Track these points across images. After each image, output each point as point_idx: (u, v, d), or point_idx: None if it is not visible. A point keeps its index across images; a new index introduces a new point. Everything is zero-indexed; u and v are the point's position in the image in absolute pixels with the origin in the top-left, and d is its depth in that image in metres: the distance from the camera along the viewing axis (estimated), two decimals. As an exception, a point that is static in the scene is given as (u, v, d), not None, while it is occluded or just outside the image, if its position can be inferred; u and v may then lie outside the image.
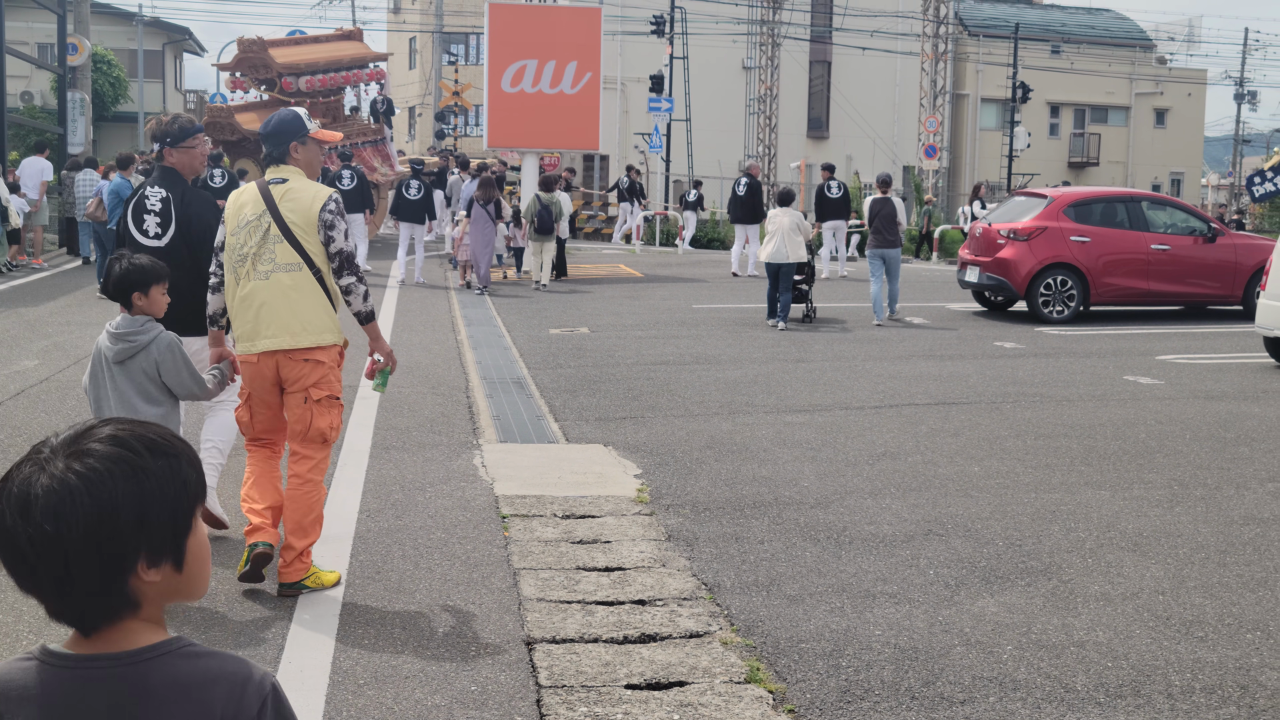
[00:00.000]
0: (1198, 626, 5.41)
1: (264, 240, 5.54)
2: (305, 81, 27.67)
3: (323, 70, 27.97)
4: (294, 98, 27.82)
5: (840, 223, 23.87)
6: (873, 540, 6.61)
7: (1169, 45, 62.85)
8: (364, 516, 6.77)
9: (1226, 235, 17.84)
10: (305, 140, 5.70)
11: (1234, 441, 9.31)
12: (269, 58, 27.53)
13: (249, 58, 27.90)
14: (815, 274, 17.46)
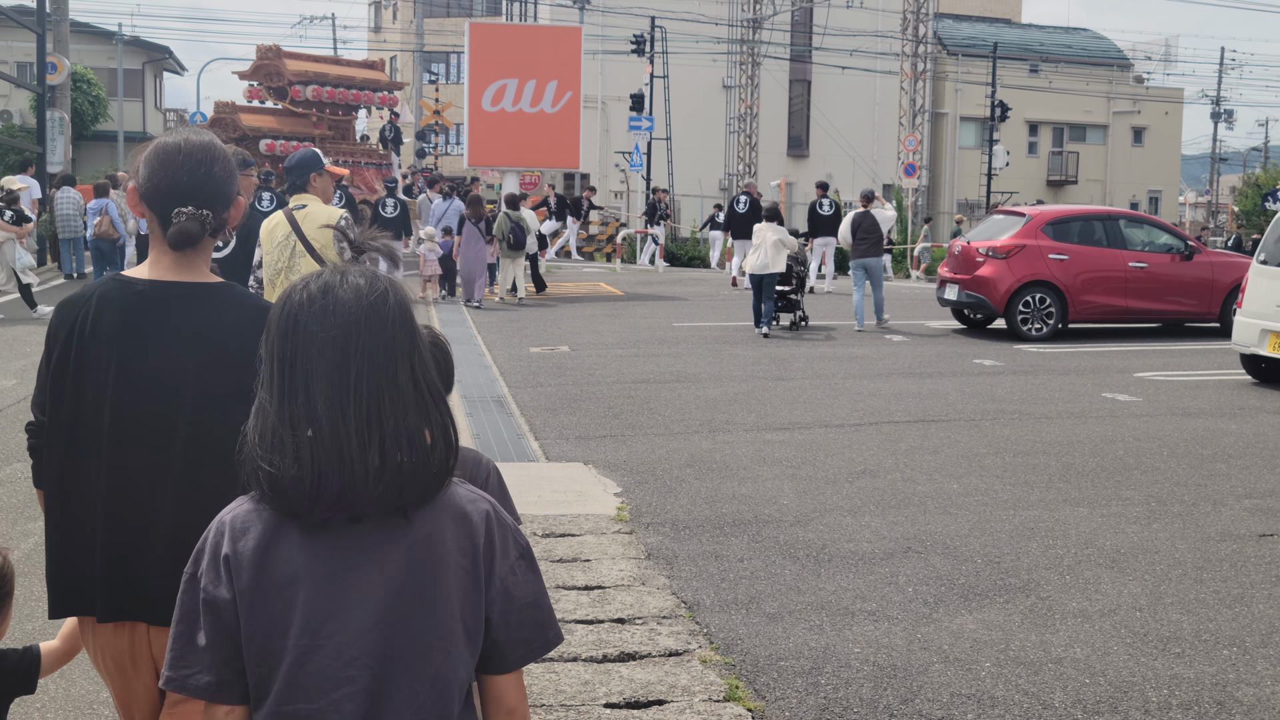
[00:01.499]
0: (1175, 643, 5.43)
1: (292, 256, 6.43)
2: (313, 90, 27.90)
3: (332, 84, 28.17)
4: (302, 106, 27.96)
5: (831, 239, 24.14)
6: (852, 558, 6.62)
7: (1146, 65, 63.35)
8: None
9: (1203, 253, 17.95)
10: (321, 172, 6.69)
11: (1211, 458, 9.36)
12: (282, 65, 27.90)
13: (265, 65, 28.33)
14: (804, 283, 18.20)
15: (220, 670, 1.92)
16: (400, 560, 1.92)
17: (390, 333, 1.93)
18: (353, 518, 1.91)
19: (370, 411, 1.89)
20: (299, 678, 1.89)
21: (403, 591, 1.92)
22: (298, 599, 1.90)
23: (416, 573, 1.93)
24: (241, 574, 1.91)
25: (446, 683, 1.94)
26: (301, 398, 1.89)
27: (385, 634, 1.91)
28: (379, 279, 1.98)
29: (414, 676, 1.92)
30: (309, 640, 1.90)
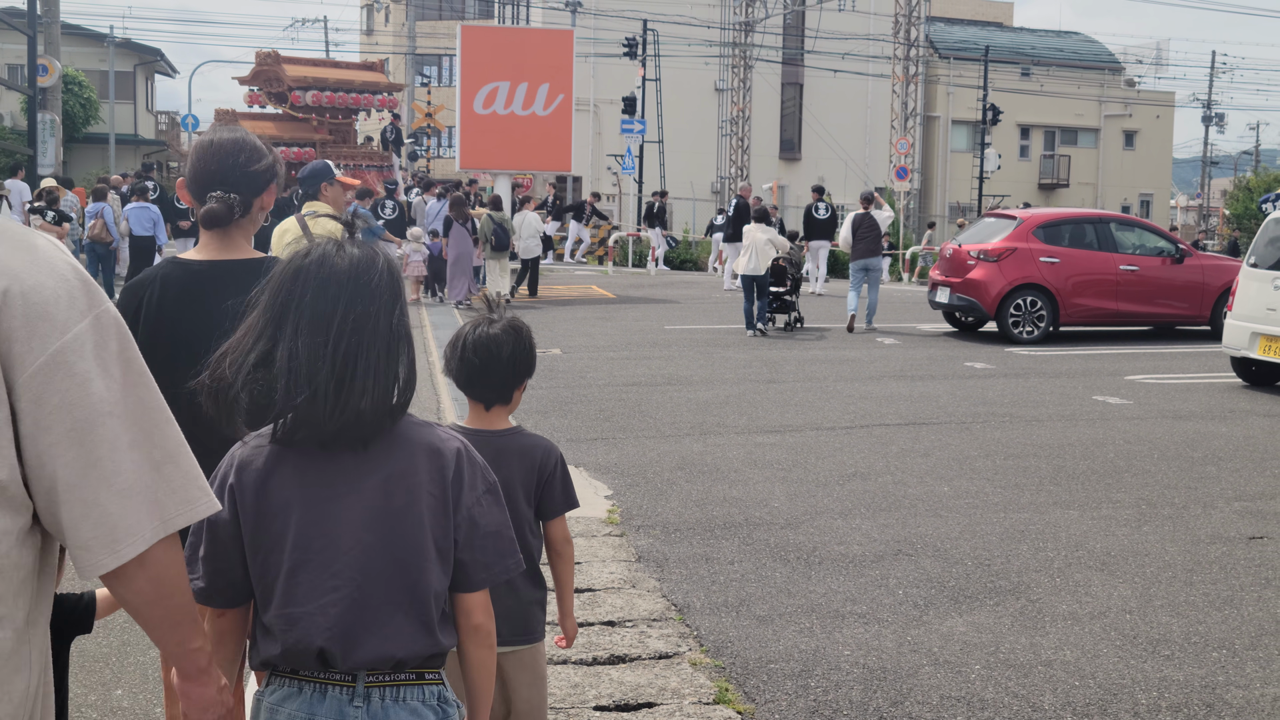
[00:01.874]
0: (1164, 645, 5.44)
1: None
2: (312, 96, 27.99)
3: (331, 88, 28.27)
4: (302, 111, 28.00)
5: (825, 242, 24.44)
6: (842, 560, 6.62)
7: (1137, 68, 63.39)
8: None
9: (1194, 256, 17.99)
10: (332, 182, 7.00)
11: (1201, 461, 9.37)
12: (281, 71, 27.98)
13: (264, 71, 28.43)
14: (800, 285, 18.65)
15: (210, 579, 2.30)
16: (377, 489, 2.27)
17: (377, 291, 2.26)
18: (322, 445, 2.25)
19: (347, 355, 2.21)
20: (293, 586, 2.25)
21: (380, 515, 2.27)
22: (291, 521, 2.26)
23: (392, 499, 2.27)
24: (245, 500, 2.28)
25: (422, 592, 2.27)
26: (288, 337, 2.21)
27: (365, 551, 2.26)
28: (372, 248, 2.31)
29: (393, 587, 2.26)
30: (300, 555, 2.26)
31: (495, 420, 3.33)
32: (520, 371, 3.29)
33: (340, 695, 2.26)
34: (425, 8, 56.66)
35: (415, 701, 2.29)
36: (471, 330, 3.19)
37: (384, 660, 2.26)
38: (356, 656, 2.25)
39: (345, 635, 2.24)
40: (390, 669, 2.28)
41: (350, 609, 2.25)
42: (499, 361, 3.21)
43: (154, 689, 4.75)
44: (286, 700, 2.28)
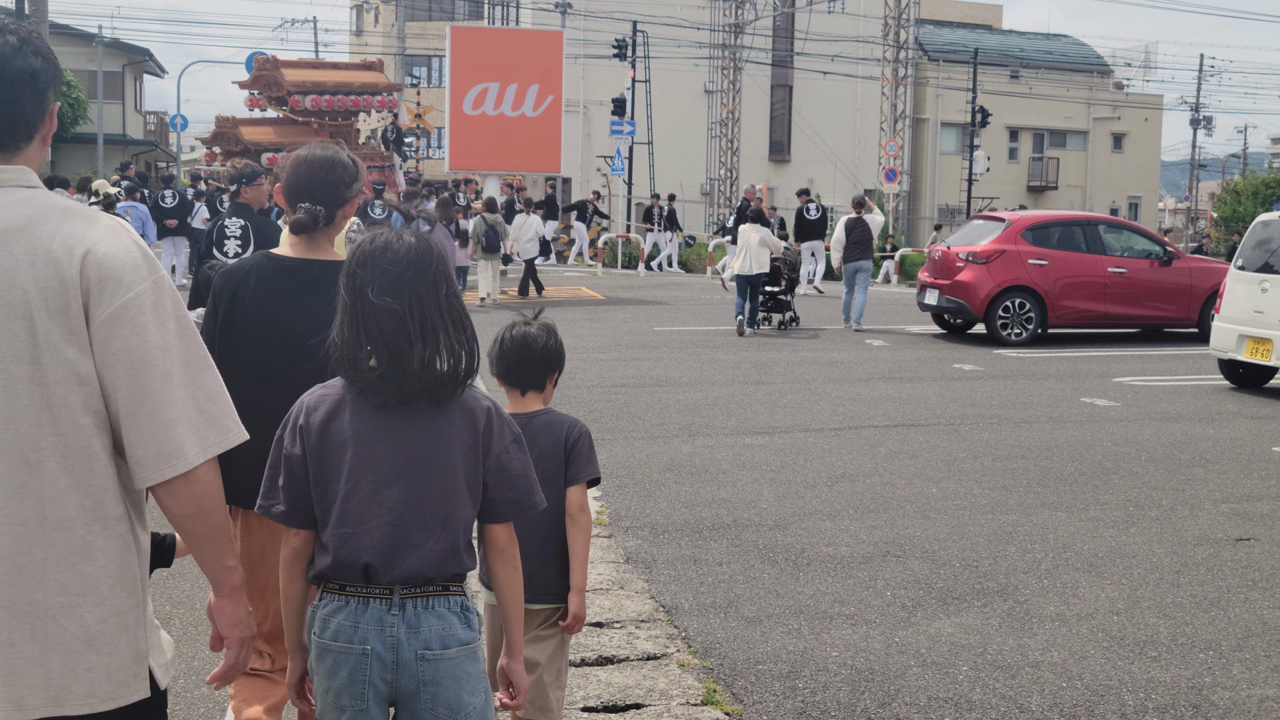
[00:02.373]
0: (1151, 646, 5.45)
1: None
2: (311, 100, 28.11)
3: (330, 91, 28.40)
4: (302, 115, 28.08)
5: (818, 243, 24.76)
6: (830, 562, 6.63)
7: (1126, 71, 63.59)
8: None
9: (1182, 258, 18.04)
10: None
11: (1188, 463, 9.40)
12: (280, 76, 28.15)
13: (264, 76, 28.64)
14: (795, 285, 19.01)
15: (289, 504, 2.80)
16: (417, 436, 2.75)
17: (431, 274, 2.76)
18: (402, 401, 2.73)
19: (418, 329, 2.70)
20: (345, 510, 2.74)
21: (420, 457, 2.75)
22: (346, 457, 2.75)
23: (431, 446, 2.76)
24: (311, 438, 2.77)
25: (453, 522, 2.75)
26: (366, 317, 2.71)
27: (406, 486, 2.74)
28: (424, 238, 2.80)
29: (428, 515, 2.74)
30: (351, 485, 2.74)
31: (529, 404, 3.79)
32: (551, 364, 3.83)
33: (380, 606, 2.73)
34: (415, 9, 56.62)
35: (442, 609, 2.76)
36: (509, 329, 3.78)
37: (417, 576, 2.73)
38: (395, 573, 2.71)
39: (387, 553, 2.71)
40: (422, 584, 2.74)
41: (391, 532, 2.72)
42: (533, 354, 3.76)
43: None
44: (336, 612, 2.76)
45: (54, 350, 2.23)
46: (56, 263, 2.23)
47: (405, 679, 2.73)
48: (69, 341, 2.23)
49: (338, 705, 2.77)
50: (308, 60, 33.31)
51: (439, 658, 2.74)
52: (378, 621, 2.72)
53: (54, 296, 2.22)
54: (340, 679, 2.74)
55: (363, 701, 2.74)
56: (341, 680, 2.74)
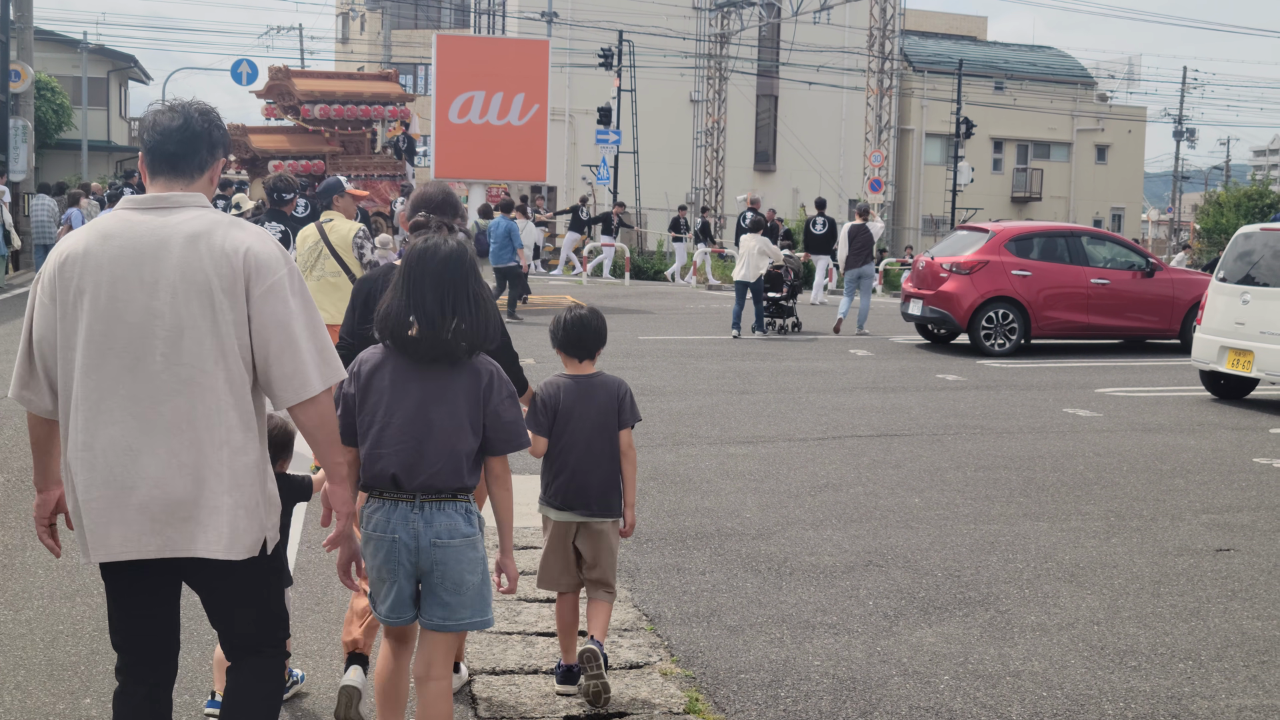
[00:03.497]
0: (1131, 656, 5.48)
1: (319, 258, 8.91)
2: (320, 109, 28.26)
3: (339, 101, 28.54)
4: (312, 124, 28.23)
5: (825, 257, 25.19)
6: (813, 571, 6.65)
7: (1110, 83, 63.85)
8: (304, 548, 6.74)
9: (1164, 270, 18.12)
10: (343, 194, 9.07)
11: (1169, 473, 9.44)
12: (291, 85, 28.36)
13: (276, 85, 28.94)
14: (798, 292, 20.00)
15: (344, 428, 3.75)
16: (435, 388, 3.75)
17: (464, 267, 3.77)
18: (432, 360, 3.73)
19: (451, 307, 3.69)
20: (380, 438, 3.76)
21: (434, 403, 3.74)
22: (383, 399, 3.77)
23: (444, 395, 3.75)
24: (360, 383, 3.80)
25: (457, 450, 3.75)
26: (416, 295, 3.71)
27: (423, 421, 3.73)
28: (461, 242, 3.84)
29: (440, 444, 3.73)
30: (384, 420, 3.76)
31: (585, 369, 4.99)
32: (600, 339, 5.02)
33: (406, 507, 3.74)
34: (401, 17, 56.68)
35: (450, 510, 3.76)
36: (567, 313, 4.96)
37: (430, 487, 3.72)
38: (414, 483, 3.72)
39: (408, 469, 3.72)
40: (435, 492, 3.73)
41: (411, 454, 3.72)
42: (587, 333, 4.96)
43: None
44: (375, 511, 3.78)
45: (224, 314, 3.28)
46: (227, 256, 3.29)
47: (424, 560, 3.74)
48: (234, 308, 3.29)
49: (379, 578, 3.82)
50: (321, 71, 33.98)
51: (446, 545, 3.74)
52: (404, 518, 3.73)
53: (225, 279, 3.28)
54: (379, 559, 3.78)
55: (395, 575, 3.77)
56: (380, 559, 3.78)
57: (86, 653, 5.17)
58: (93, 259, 3.27)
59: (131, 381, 3.25)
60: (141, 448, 3.25)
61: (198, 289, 3.26)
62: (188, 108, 3.47)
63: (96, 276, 3.26)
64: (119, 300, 3.25)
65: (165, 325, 3.25)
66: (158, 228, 3.30)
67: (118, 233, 3.30)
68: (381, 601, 3.83)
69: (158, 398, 3.26)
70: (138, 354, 3.25)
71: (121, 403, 3.25)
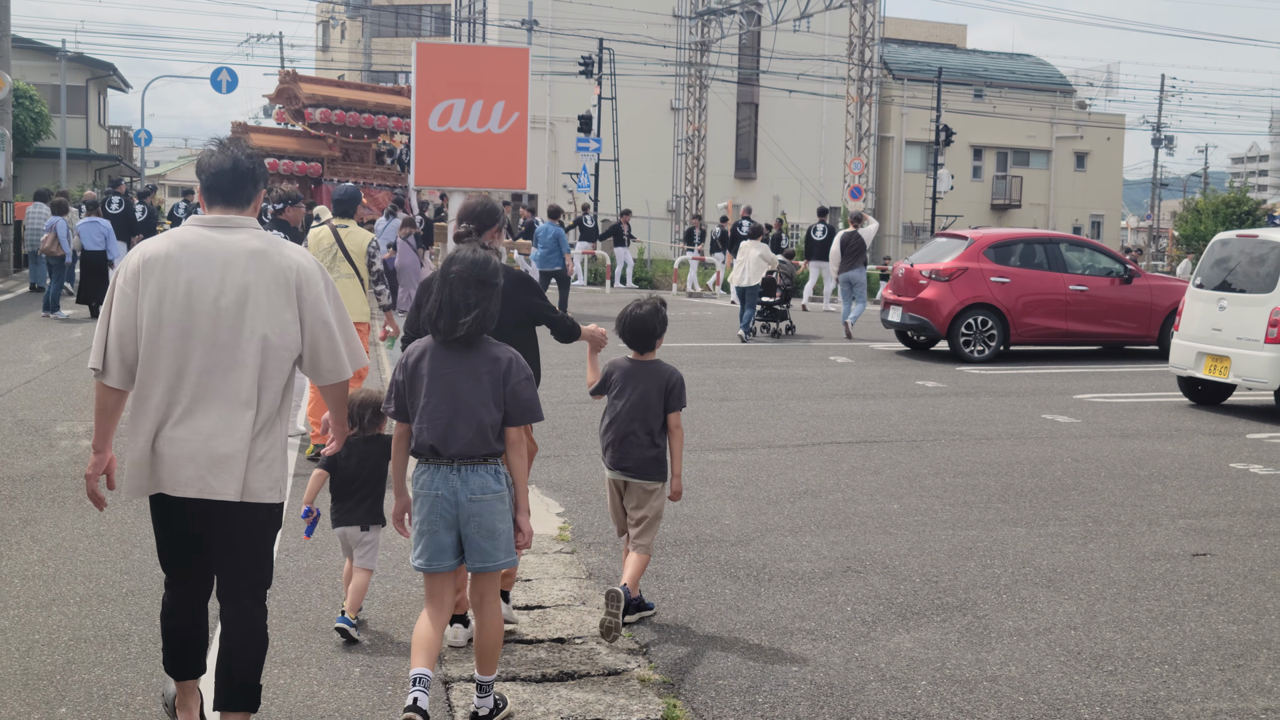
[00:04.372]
0: (1108, 660, 5.50)
1: (334, 260, 9.57)
2: (321, 113, 28.43)
3: (342, 107, 28.72)
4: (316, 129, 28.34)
5: (824, 263, 25.68)
6: (792, 577, 6.66)
7: (1088, 90, 64.19)
8: (283, 556, 6.72)
9: (1142, 276, 18.20)
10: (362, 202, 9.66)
11: (1147, 479, 9.48)
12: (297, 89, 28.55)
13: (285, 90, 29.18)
14: (790, 296, 20.97)
15: (397, 408, 4.65)
16: (463, 371, 4.53)
17: (489, 272, 4.56)
18: (449, 343, 4.53)
19: (470, 302, 4.50)
20: (424, 412, 4.54)
21: (463, 384, 4.52)
22: (424, 382, 4.56)
23: (471, 378, 4.53)
24: (408, 371, 4.61)
25: (483, 422, 4.51)
26: (447, 292, 4.51)
27: (457, 399, 4.51)
28: (488, 253, 4.67)
29: (469, 417, 4.51)
30: (426, 399, 4.55)
31: (647, 356, 6.06)
32: (659, 332, 6.07)
33: (446, 469, 4.52)
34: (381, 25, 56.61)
35: (482, 471, 4.53)
36: (633, 309, 6.00)
37: (463, 454, 4.50)
38: (450, 451, 4.51)
39: (443, 440, 4.51)
40: (467, 457, 4.51)
41: (446, 427, 4.52)
42: (647, 328, 6.01)
43: (98, 706, 4.71)
44: (422, 473, 4.57)
45: (280, 313, 4.14)
46: (283, 270, 4.16)
47: (461, 513, 4.53)
48: (287, 309, 4.15)
49: (421, 530, 4.59)
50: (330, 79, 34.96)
51: (479, 499, 4.53)
52: (445, 478, 4.52)
53: (281, 286, 4.14)
54: (424, 511, 4.57)
55: (436, 526, 4.55)
56: (424, 513, 4.57)
57: (62, 662, 5.15)
58: (173, 261, 4.10)
59: (199, 359, 4.09)
60: (199, 411, 4.10)
61: (256, 292, 4.11)
62: (234, 150, 4.27)
63: (176, 276, 4.08)
64: (193, 296, 4.08)
65: (229, 319, 4.09)
66: (225, 243, 4.14)
67: (192, 243, 4.14)
68: (421, 553, 4.58)
69: (215, 374, 4.09)
70: (205, 339, 4.09)
71: (189, 376, 4.09)
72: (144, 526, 7.26)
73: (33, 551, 6.77)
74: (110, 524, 7.34)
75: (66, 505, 7.78)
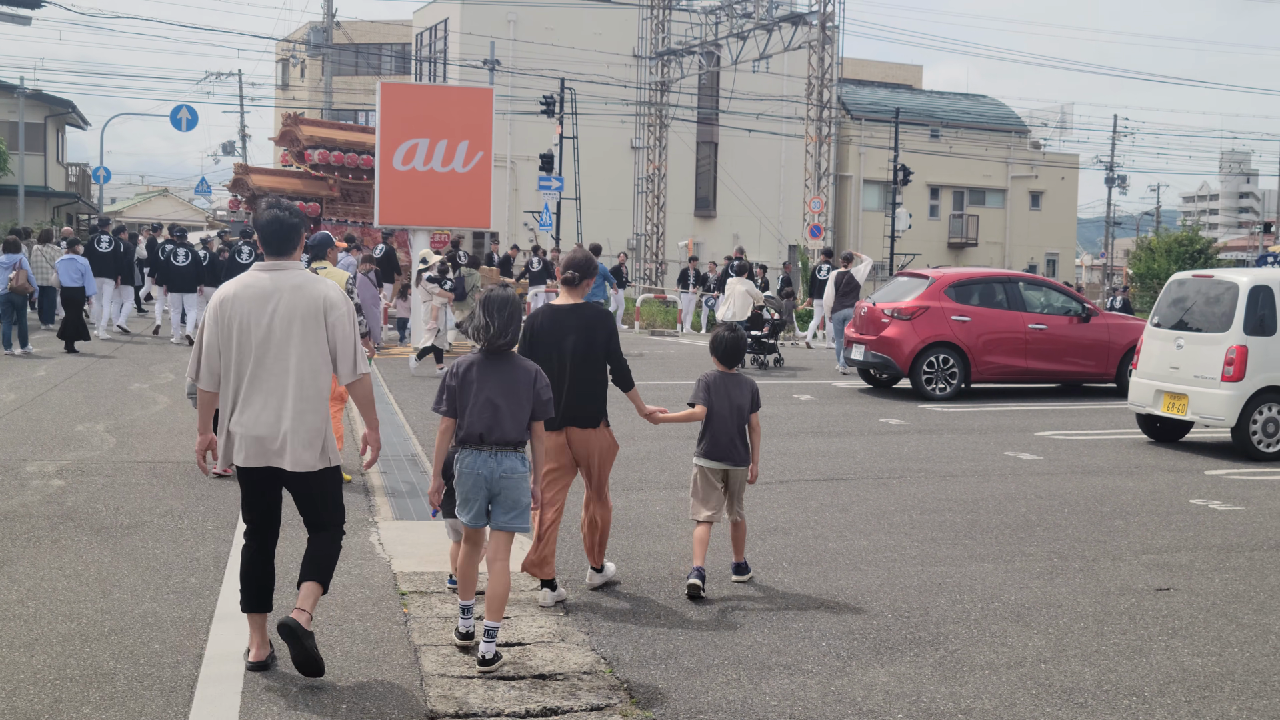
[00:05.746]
0: (1078, 693, 5.63)
1: None
2: (320, 154, 28.65)
3: (340, 148, 28.99)
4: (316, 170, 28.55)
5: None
6: (767, 613, 6.76)
7: (1043, 131, 64.97)
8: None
9: (1100, 315, 18.48)
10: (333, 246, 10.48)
11: (1109, 515, 9.66)
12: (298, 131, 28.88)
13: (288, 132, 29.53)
14: (780, 330, 22.26)
15: (448, 406, 5.92)
16: (504, 378, 5.90)
17: (513, 301, 5.94)
18: (489, 355, 5.92)
19: (506, 321, 5.89)
20: (472, 411, 5.86)
21: (504, 388, 5.87)
22: (472, 386, 5.87)
23: (511, 383, 5.89)
24: (458, 377, 5.89)
25: (519, 418, 5.88)
26: (487, 316, 5.87)
27: (498, 398, 5.85)
28: (509, 290, 6.06)
29: (508, 413, 5.84)
30: (474, 399, 5.85)
31: (733, 370, 7.56)
32: (744, 353, 7.83)
33: (485, 452, 5.83)
34: (341, 63, 56.70)
35: (513, 456, 5.86)
36: (724, 331, 7.58)
37: (500, 441, 5.82)
38: (493, 438, 5.80)
39: (489, 428, 5.80)
40: (504, 444, 5.83)
41: (492, 419, 5.81)
42: (737, 350, 7.60)
43: (88, 745, 4.74)
44: (465, 455, 5.86)
45: (310, 331, 5.53)
46: (315, 299, 5.54)
47: (494, 486, 5.85)
48: (320, 327, 5.54)
49: (464, 499, 5.92)
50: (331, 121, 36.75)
51: (508, 476, 5.86)
52: (484, 460, 5.84)
53: (315, 312, 5.53)
54: (467, 485, 5.88)
55: (476, 496, 5.88)
56: (468, 486, 5.88)
57: (49, 702, 5.17)
58: (240, 298, 5.57)
59: (260, 369, 5.53)
60: (261, 405, 5.53)
61: (296, 316, 5.53)
62: (280, 211, 5.68)
63: (242, 309, 5.55)
64: (252, 322, 5.53)
65: (277, 338, 5.53)
66: (278, 280, 5.60)
67: (252, 283, 5.61)
68: (465, 514, 5.92)
69: (271, 378, 5.53)
70: (261, 354, 5.53)
71: (255, 382, 5.54)
72: (122, 566, 7.29)
73: (11, 592, 6.79)
74: (88, 563, 7.36)
75: (42, 545, 7.80)
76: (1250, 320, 12.70)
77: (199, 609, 6.55)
